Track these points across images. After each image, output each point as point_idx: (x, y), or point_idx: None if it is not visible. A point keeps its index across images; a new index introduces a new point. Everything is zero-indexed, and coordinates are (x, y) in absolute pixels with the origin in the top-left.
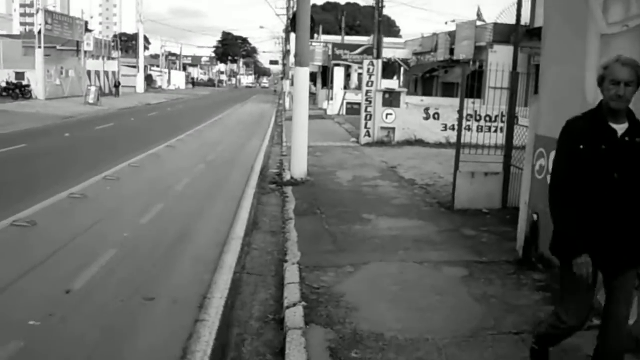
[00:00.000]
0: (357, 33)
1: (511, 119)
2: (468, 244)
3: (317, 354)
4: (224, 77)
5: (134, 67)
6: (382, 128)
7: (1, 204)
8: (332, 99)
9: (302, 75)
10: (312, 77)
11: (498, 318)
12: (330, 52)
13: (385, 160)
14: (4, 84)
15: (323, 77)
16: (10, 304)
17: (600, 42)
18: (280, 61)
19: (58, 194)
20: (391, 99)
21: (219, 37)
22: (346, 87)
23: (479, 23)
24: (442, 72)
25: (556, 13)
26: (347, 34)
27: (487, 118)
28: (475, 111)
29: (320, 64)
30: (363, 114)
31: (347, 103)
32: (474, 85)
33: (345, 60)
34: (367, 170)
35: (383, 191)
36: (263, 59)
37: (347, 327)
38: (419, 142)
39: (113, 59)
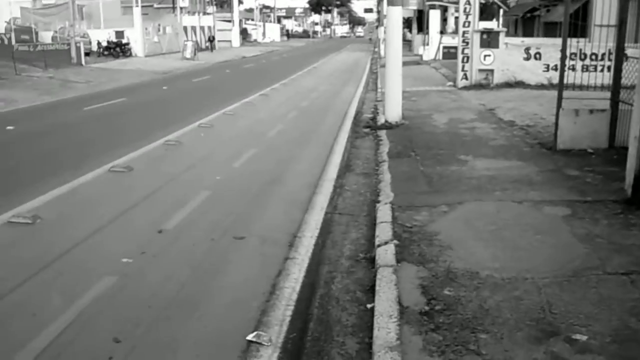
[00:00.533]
0: None
1: (620, 52)
2: (571, 184)
3: (408, 291)
4: (318, 28)
5: (229, 21)
6: (480, 70)
7: (100, 151)
8: (428, 44)
9: (395, 15)
10: (407, 23)
11: (604, 258)
12: None
13: (483, 103)
14: (105, 44)
15: (419, 22)
16: (106, 242)
17: None
18: (375, 9)
19: (154, 142)
20: (489, 39)
21: None
22: (442, 31)
23: None
24: (544, 12)
25: None
26: None
27: (593, 57)
28: (580, 49)
29: (415, 7)
30: (460, 56)
31: (444, 47)
32: (577, 24)
33: (442, 1)
34: (464, 113)
35: (481, 133)
36: (357, 8)
37: (440, 265)
38: (520, 84)
39: (208, 14)
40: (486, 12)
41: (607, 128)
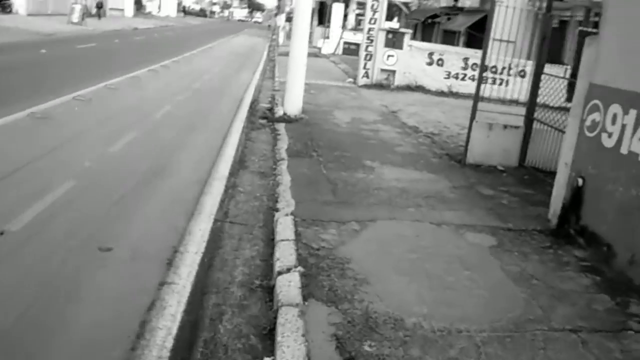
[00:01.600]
0: None
1: (539, 68)
2: (487, 205)
3: (320, 345)
4: (216, 8)
5: None
6: (382, 70)
7: None
8: (328, 37)
9: (304, 3)
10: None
11: (545, 307)
12: None
13: (385, 104)
14: None
15: (320, 14)
16: None
17: None
18: None
19: (16, 113)
20: (394, 39)
21: None
22: (343, 26)
23: None
24: (445, 19)
25: None
26: None
27: (494, 69)
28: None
29: None
30: (363, 53)
31: (345, 43)
32: (475, 36)
33: None
34: (367, 113)
35: (386, 137)
36: None
37: (356, 307)
38: (420, 89)
39: None
40: (387, 12)
41: (519, 146)
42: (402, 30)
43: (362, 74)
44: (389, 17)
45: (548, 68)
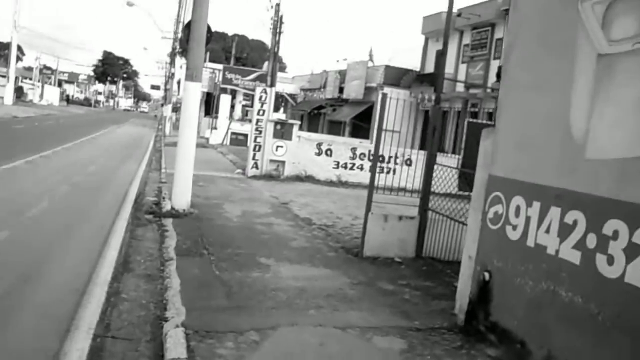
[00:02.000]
0: (244, 66)
1: (432, 158)
2: (390, 302)
3: None
4: (101, 97)
5: (3, 76)
6: (272, 161)
7: None
8: (215, 127)
9: (194, 91)
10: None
11: None
12: (218, 79)
13: (275, 196)
14: None
15: (207, 105)
16: None
17: (597, 65)
18: (162, 86)
19: None
20: (283, 130)
21: (99, 55)
22: (230, 118)
23: (370, 64)
24: (330, 110)
25: (526, 29)
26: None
27: (381, 158)
28: (369, 150)
29: (205, 90)
30: (252, 144)
31: (232, 133)
32: (361, 126)
33: (237, 85)
34: (258, 206)
35: (279, 230)
36: (144, 84)
37: None
38: (310, 179)
39: None
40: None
41: (415, 236)
42: (291, 121)
43: (252, 164)
44: (276, 109)
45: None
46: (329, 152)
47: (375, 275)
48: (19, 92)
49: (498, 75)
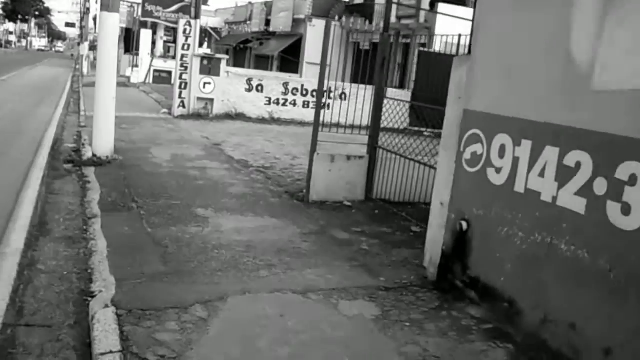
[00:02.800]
0: None
1: (380, 91)
2: (347, 254)
3: None
4: (13, 38)
5: None
6: (200, 99)
7: None
8: (136, 65)
9: (111, 22)
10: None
11: None
12: (137, 14)
13: (206, 136)
14: None
15: (126, 42)
16: None
17: None
18: (78, 24)
19: None
20: (210, 66)
21: None
22: (151, 54)
23: None
24: (257, 45)
25: None
26: None
27: (314, 93)
28: (302, 85)
29: (124, 25)
30: (177, 82)
31: (155, 71)
32: (290, 60)
33: (158, 18)
34: (188, 148)
35: (215, 175)
36: (58, 22)
37: None
38: (241, 117)
39: None
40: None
41: (364, 178)
42: (218, 56)
43: (178, 103)
44: (200, 44)
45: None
46: (259, 88)
47: (326, 222)
48: None
49: (432, 5)
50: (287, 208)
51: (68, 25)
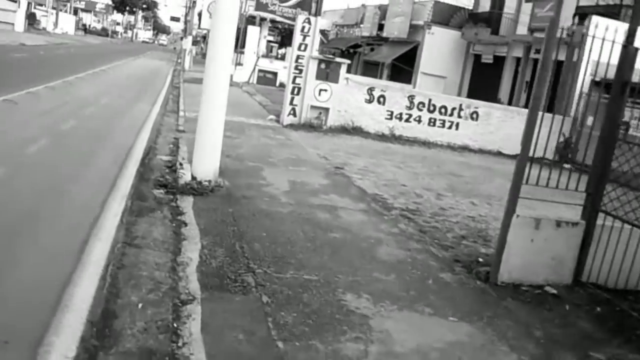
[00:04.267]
0: None
1: (614, 127)
2: None
3: None
4: (119, 28)
5: (15, 1)
6: (313, 107)
7: None
8: (240, 64)
9: (230, 6)
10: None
11: None
12: (245, 9)
13: (324, 155)
14: None
15: None
16: None
17: None
18: (182, 18)
19: None
20: (328, 70)
21: None
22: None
23: None
24: (368, 50)
25: None
26: None
27: (443, 110)
28: (430, 100)
29: None
30: (290, 86)
31: (259, 71)
32: (403, 69)
33: (273, 12)
34: (307, 173)
35: (352, 223)
36: (163, 15)
37: None
38: (358, 131)
39: None
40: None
41: (575, 252)
42: (339, 60)
43: (288, 110)
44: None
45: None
46: (381, 100)
47: (543, 333)
48: (31, 19)
49: (581, 17)
50: (472, 296)
51: (173, 19)
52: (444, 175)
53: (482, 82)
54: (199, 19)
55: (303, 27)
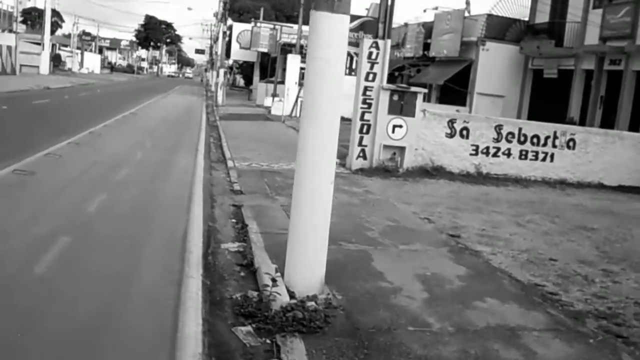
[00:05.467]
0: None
1: None
2: None
3: None
4: (144, 64)
5: (38, 44)
6: (386, 147)
7: None
8: (275, 95)
9: (337, 34)
10: (247, 69)
11: None
12: (279, 37)
13: (423, 215)
14: None
15: (262, 68)
16: None
17: None
18: (207, 50)
19: None
20: (403, 102)
21: (141, 20)
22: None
23: (466, 14)
24: (414, 72)
25: None
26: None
27: (535, 140)
28: (520, 129)
29: (265, 50)
30: (357, 123)
31: (302, 102)
32: (453, 90)
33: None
34: (426, 252)
35: None
36: (187, 49)
37: None
38: (439, 172)
39: (16, 32)
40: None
41: None
42: (414, 89)
43: (357, 153)
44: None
45: None
46: (464, 133)
47: None
48: (56, 61)
49: None
50: None
51: (198, 51)
52: (576, 232)
53: (545, 100)
54: (227, 50)
55: (370, 53)
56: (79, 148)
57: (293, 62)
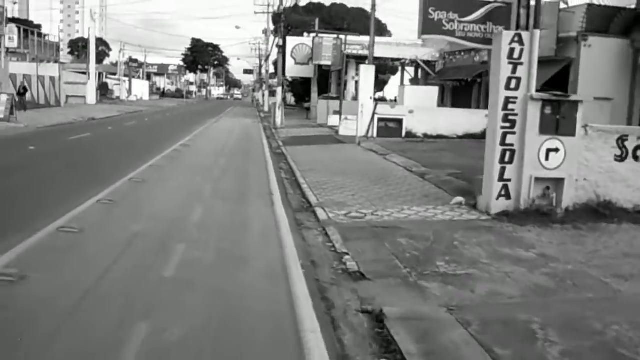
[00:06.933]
0: None
1: None
2: None
3: None
4: (193, 88)
5: (84, 73)
6: (538, 180)
7: None
8: (342, 114)
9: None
10: (303, 85)
11: None
12: (344, 47)
13: None
14: None
15: (319, 83)
16: None
17: None
18: (256, 69)
19: None
20: (559, 116)
21: (188, 44)
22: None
23: (562, 5)
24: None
25: None
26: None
27: None
28: None
29: (329, 62)
30: (497, 149)
31: (379, 120)
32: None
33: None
34: None
35: None
36: (234, 70)
37: None
38: (611, 209)
39: (62, 63)
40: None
41: None
42: (573, 97)
43: (498, 190)
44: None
45: None
46: (638, 154)
47: None
48: (103, 90)
49: None
50: None
51: (246, 72)
52: None
53: None
54: (276, 68)
55: (511, 51)
56: (115, 208)
57: (367, 73)
